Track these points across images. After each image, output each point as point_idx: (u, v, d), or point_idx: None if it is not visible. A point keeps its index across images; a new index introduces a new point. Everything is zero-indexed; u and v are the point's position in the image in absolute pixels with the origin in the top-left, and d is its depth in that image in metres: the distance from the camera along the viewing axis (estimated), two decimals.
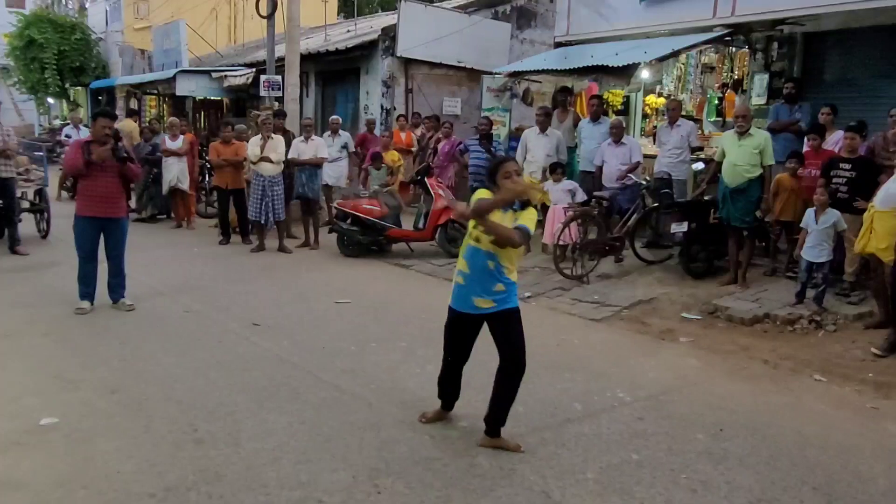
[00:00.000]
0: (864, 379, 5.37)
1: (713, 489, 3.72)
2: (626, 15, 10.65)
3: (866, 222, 6.21)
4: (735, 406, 4.85)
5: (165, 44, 21.40)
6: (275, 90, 13.02)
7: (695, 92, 12.27)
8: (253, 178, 9.80)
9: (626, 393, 5.01)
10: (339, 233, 9.61)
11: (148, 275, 8.11)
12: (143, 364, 5.40)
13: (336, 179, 11.18)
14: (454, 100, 14.37)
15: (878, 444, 4.32)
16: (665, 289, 7.68)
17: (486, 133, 9.89)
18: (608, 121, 9.40)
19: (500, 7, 14.51)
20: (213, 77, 17.88)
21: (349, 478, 3.74)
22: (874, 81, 8.96)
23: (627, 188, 8.66)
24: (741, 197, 7.37)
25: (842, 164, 6.95)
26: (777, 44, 9.83)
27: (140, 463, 3.85)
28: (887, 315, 6.17)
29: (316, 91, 16.48)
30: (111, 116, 7.00)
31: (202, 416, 4.46)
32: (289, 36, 12.77)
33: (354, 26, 17.53)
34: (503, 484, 3.71)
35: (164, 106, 21.27)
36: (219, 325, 6.43)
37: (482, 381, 5.15)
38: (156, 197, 12.21)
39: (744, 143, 7.31)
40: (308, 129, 10.30)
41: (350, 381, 5.13)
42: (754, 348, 6.06)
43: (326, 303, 7.28)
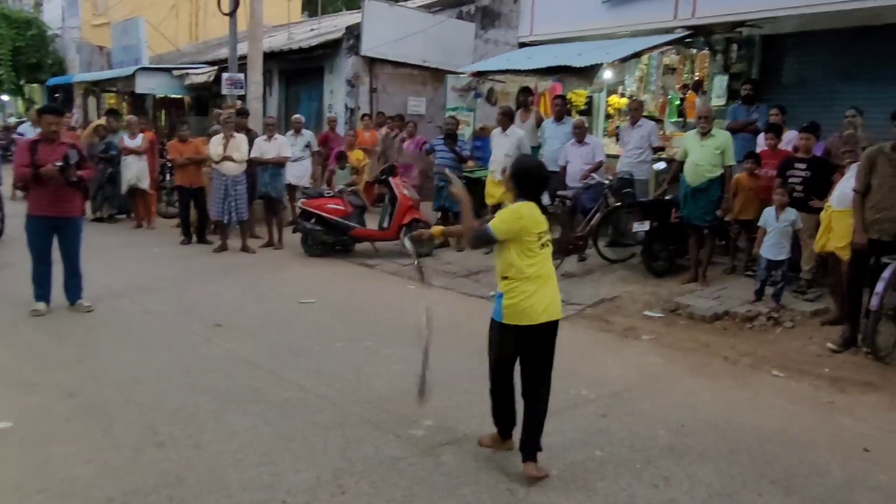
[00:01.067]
0: (821, 374, 5.49)
1: (675, 484, 3.77)
2: (588, 16, 10.74)
3: (824, 222, 6.36)
4: (696, 402, 4.92)
5: (125, 41, 21.01)
6: (237, 88, 12.87)
7: (656, 93, 12.41)
8: (215, 177, 9.67)
9: (590, 390, 5.06)
10: (304, 232, 9.53)
11: (107, 275, 7.95)
12: (102, 366, 5.29)
13: (299, 179, 11.10)
14: (419, 99, 14.36)
15: (833, 438, 4.42)
16: (628, 287, 7.76)
17: (450, 132, 9.90)
18: (571, 121, 9.47)
19: (465, 7, 14.54)
20: (173, 75, 17.62)
21: (313, 478, 3.71)
22: (830, 83, 9.17)
23: (590, 188, 8.73)
24: (702, 196, 7.48)
25: (797, 164, 7.10)
26: (736, 46, 10.01)
27: (99, 467, 3.77)
28: (842, 311, 6.32)
29: (279, 90, 16.33)
30: (57, 112, 6.86)
31: (163, 418, 4.38)
32: (251, 34, 12.64)
33: (318, 25, 17.44)
34: (468, 482, 3.72)
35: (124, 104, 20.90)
36: (180, 327, 6.33)
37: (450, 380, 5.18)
38: (112, 196, 11.96)
39: (706, 143, 7.42)
40: (271, 128, 10.21)
41: (314, 381, 5.09)
42: (715, 345, 6.15)
43: (290, 303, 7.22)
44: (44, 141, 6.49)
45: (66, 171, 6.36)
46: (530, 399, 3.82)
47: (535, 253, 3.75)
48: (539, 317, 3.70)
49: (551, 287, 3.80)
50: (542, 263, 3.78)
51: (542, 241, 3.79)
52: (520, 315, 3.71)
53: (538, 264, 3.75)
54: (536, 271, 3.74)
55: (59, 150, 6.43)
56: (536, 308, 3.70)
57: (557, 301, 3.82)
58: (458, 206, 9.72)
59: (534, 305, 3.69)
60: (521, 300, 3.70)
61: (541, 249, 3.78)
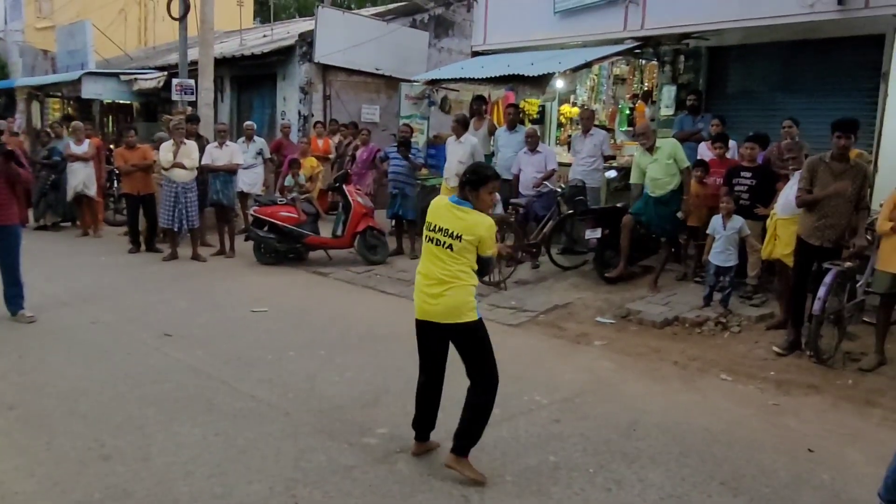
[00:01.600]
0: (767, 377, 5.63)
1: (627, 487, 3.82)
2: (541, 26, 10.88)
3: (770, 229, 6.53)
4: (647, 406, 4.99)
5: (70, 45, 20.47)
6: (188, 94, 12.67)
7: (607, 102, 12.63)
8: (165, 184, 9.49)
9: (543, 396, 5.09)
10: (256, 240, 9.41)
11: (52, 285, 7.73)
12: (45, 378, 5.13)
13: (251, 186, 10.96)
14: (372, 107, 14.34)
15: (779, 439, 4.53)
16: (580, 294, 7.85)
17: (404, 140, 9.90)
18: (524, 129, 9.56)
19: (418, 16, 14.59)
20: (121, 80, 17.23)
21: (266, 489, 3.66)
22: (771, 94, 9.46)
23: (543, 195, 8.82)
24: (664, 207, 7.59)
25: (743, 172, 7.29)
26: (684, 57, 10.26)
27: (42, 481, 3.66)
28: (787, 316, 6.50)
29: (231, 96, 16.12)
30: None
31: (109, 430, 4.27)
32: (202, 39, 12.46)
33: (271, 31, 17.26)
34: (422, 489, 3.71)
35: (69, 109, 20.36)
36: (128, 336, 6.18)
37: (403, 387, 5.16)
38: (56, 204, 11.64)
39: (656, 156, 7.55)
40: (222, 135, 10.07)
41: (267, 390, 5.02)
42: (665, 350, 6.26)
43: (242, 311, 7.11)
44: None
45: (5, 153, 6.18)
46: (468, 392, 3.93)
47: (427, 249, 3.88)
48: (417, 312, 3.89)
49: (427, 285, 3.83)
50: (423, 261, 3.91)
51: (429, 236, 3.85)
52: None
53: (425, 261, 3.90)
54: (420, 268, 3.92)
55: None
56: (416, 303, 3.90)
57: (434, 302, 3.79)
58: (412, 215, 9.75)
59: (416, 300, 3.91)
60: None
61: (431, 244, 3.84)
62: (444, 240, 3.76)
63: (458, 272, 3.76)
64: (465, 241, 3.72)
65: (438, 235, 3.79)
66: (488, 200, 3.84)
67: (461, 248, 3.74)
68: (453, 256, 3.76)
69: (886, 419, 4.91)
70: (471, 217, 3.76)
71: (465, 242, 3.73)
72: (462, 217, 3.76)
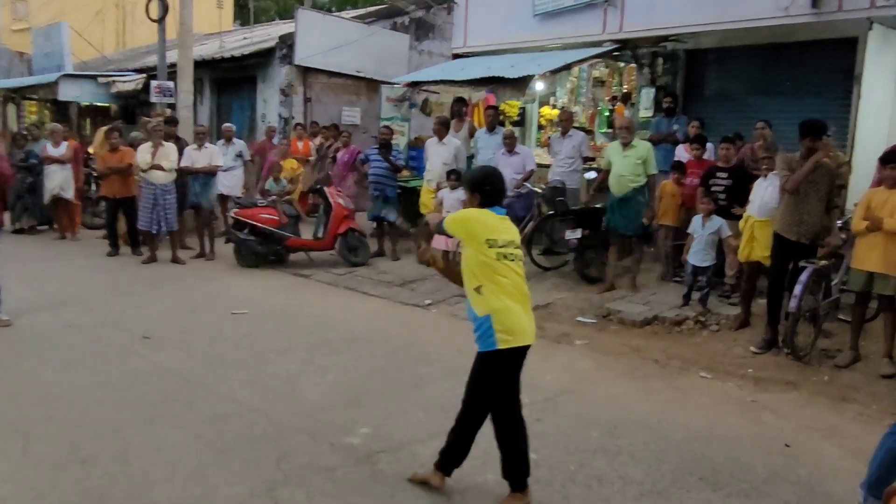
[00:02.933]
0: (745, 375, 5.69)
1: (607, 484, 3.85)
2: (520, 29, 10.94)
3: (746, 232, 6.59)
4: (628, 404, 5.03)
5: (47, 47, 20.25)
6: (167, 97, 12.58)
7: (586, 104, 12.73)
8: (143, 186, 9.41)
9: (525, 395, 5.01)
10: (236, 243, 9.36)
11: (28, 289, 7.63)
12: (20, 382, 5.06)
13: (231, 188, 10.89)
14: (353, 109, 14.32)
15: (757, 435, 4.58)
16: (561, 294, 7.89)
17: (385, 142, 9.90)
18: (503, 131, 9.60)
19: (399, 18, 14.59)
20: (99, 82, 17.10)
21: (246, 490, 3.64)
22: (747, 97, 9.58)
23: (522, 196, 8.85)
24: (627, 206, 7.66)
25: (719, 173, 7.37)
26: (662, 59, 10.35)
27: (18, 486, 3.61)
28: (746, 315, 6.63)
29: (211, 98, 16.02)
30: None
31: (86, 435, 4.22)
32: (181, 41, 12.39)
33: (251, 33, 17.20)
34: (404, 489, 3.71)
35: (46, 112, 20.14)
36: (106, 340, 6.12)
37: (384, 388, 5.16)
38: (32, 207, 11.51)
39: (628, 153, 7.62)
40: (201, 137, 10.00)
41: (247, 392, 5.00)
42: (645, 349, 6.31)
43: (223, 314, 7.07)
44: None
45: None
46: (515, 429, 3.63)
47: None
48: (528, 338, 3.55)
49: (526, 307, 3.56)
50: (510, 281, 3.48)
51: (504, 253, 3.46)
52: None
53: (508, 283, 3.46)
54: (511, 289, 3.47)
55: None
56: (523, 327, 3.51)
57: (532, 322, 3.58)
58: (393, 217, 9.74)
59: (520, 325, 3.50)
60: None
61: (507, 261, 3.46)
62: (517, 253, 3.51)
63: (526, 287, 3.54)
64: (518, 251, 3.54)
65: (511, 250, 3.48)
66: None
67: (518, 257, 3.54)
68: (519, 267, 3.54)
69: (861, 414, 4.98)
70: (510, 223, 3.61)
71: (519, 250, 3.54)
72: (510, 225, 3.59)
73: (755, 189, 6.64)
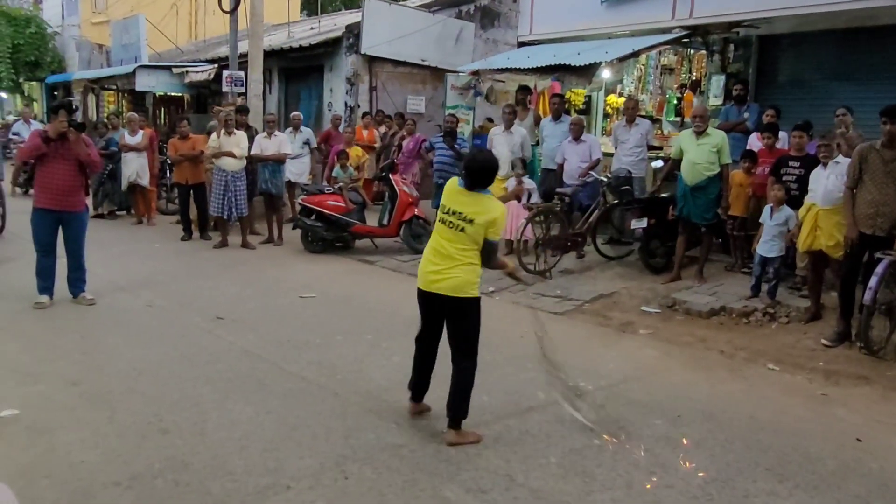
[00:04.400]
0: (815, 368, 5.57)
1: (671, 471, 3.85)
2: (587, 15, 10.83)
3: (809, 221, 6.41)
4: (692, 394, 4.99)
5: (124, 39, 21.05)
6: (238, 86, 12.92)
7: (654, 92, 12.52)
8: (215, 173, 9.73)
9: (588, 382, 5.12)
10: (303, 229, 9.59)
11: (109, 270, 8.01)
12: (105, 357, 5.35)
13: (298, 176, 11.14)
14: (418, 98, 14.43)
15: (827, 428, 4.49)
16: (625, 283, 7.84)
17: (450, 130, 9.96)
18: (569, 119, 9.54)
19: (464, 6, 14.60)
20: (173, 73, 17.67)
21: (316, 465, 3.78)
22: (824, 83, 9.27)
23: (588, 185, 8.81)
24: (701, 194, 7.52)
25: (791, 162, 7.17)
26: (733, 46, 10.11)
27: (105, 452, 3.83)
28: (817, 308, 6.46)
29: (279, 88, 16.38)
30: (67, 109, 6.90)
31: (166, 407, 4.45)
32: (252, 32, 12.69)
33: (318, 24, 17.48)
34: (468, 468, 3.78)
35: (123, 101, 20.94)
36: (182, 320, 6.39)
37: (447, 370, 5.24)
38: (112, 193, 12.03)
39: (702, 142, 7.48)
40: (271, 125, 10.27)
41: (315, 372, 5.16)
42: (711, 340, 6.23)
43: (291, 297, 7.28)
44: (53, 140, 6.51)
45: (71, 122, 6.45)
46: (453, 366, 4.16)
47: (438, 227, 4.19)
48: (420, 283, 4.19)
49: (435, 261, 4.13)
50: (435, 239, 4.20)
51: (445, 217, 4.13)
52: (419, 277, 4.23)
53: (433, 239, 4.22)
54: (431, 244, 4.22)
55: (65, 145, 6.49)
56: (421, 275, 4.20)
57: (442, 277, 4.08)
58: None
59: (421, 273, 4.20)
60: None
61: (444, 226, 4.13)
62: (458, 223, 4.06)
63: (468, 253, 4.07)
64: (476, 225, 4.02)
65: (453, 218, 4.09)
66: (499, 191, 4.11)
67: (471, 232, 4.04)
68: (462, 239, 4.05)
69: None
70: (484, 202, 4.08)
71: (477, 226, 4.02)
72: (476, 202, 4.07)
73: (816, 177, 6.44)
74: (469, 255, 4.07)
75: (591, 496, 3.57)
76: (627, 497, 3.58)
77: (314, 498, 3.47)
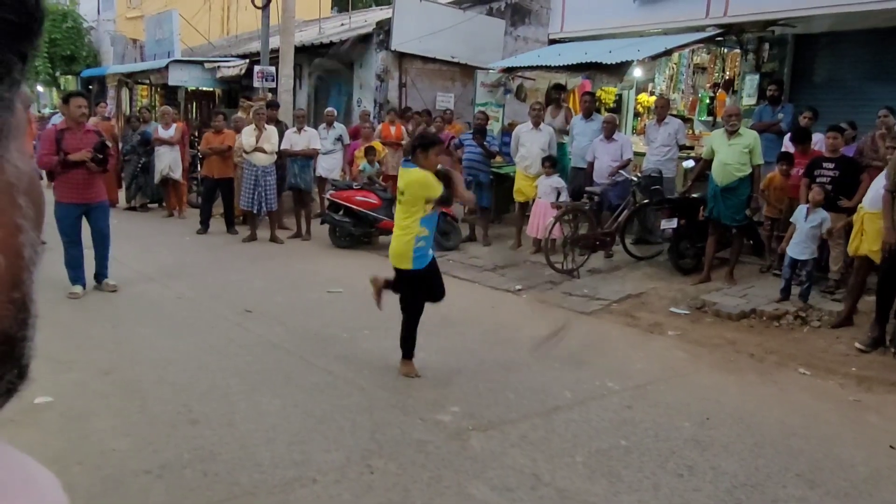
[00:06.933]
0: (847, 373, 5.47)
1: (699, 474, 3.81)
2: (620, 13, 10.73)
3: (857, 224, 6.30)
4: (721, 396, 4.93)
5: (158, 34, 21.28)
6: (268, 81, 13.02)
7: (686, 91, 12.37)
8: (245, 167, 9.82)
9: (615, 382, 5.09)
10: (332, 224, 9.64)
11: (140, 262, 8.12)
12: (136, 347, 5.43)
13: (329, 171, 11.20)
14: (447, 94, 14.40)
15: (859, 434, 4.42)
16: (654, 284, 7.77)
17: (480, 128, 9.94)
18: (600, 117, 9.48)
19: (495, 3, 14.54)
20: (205, 68, 17.84)
21: (342, 458, 3.80)
22: (862, 84, 9.10)
23: (618, 184, 8.74)
24: (731, 195, 7.43)
25: (825, 163, 7.05)
26: (768, 45, 9.96)
27: (135, 441, 3.89)
28: (850, 312, 6.34)
29: (309, 83, 16.47)
30: (84, 96, 7.05)
31: (196, 397, 4.50)
32: (283, 27, 12.78)
33: (349, 20, 17.54)
34: (494, 466, 3.78)
35: (156, 96, 21.19)
36: (211, 312, 6.46)
37: (475, 368, 5.25)
38: (145, 186, 12.20)
39: (734, 142, 7.39)
40: (301, 120, 10.34)
41: (342, 366, 5.19)
42: (741, 342, 6.15)
43: (318, 292, 7.33)
44: (69, 129, 6.69)
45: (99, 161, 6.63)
46: None
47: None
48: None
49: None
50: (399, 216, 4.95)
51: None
52: None
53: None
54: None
55: (86, 138, 6.67)
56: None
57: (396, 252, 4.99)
58: (487, 201, 9.85)
59: None
60: None
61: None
62: (399, 197, 4.93)
63: (408, 223, 4.84)
64: (408, 195, 4.79)
65: (398, 194, 4.96)
66: (434, 161, 4.83)
67: (406, 202, 4.82)
68: (403, 209, 4.87)
69: None
70: (410, 174, 4.80)
71: (409, 195, 4.78)
72: (404, 175, 4.86)
73: (877, 179, 6.30)
74: (408, 221, 4.83)
75: (617, 497, 3.55)
76: (654, 499, 3.55)
77: (340, 492, 3.49)
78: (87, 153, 6.55)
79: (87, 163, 6.57)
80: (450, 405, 4.53)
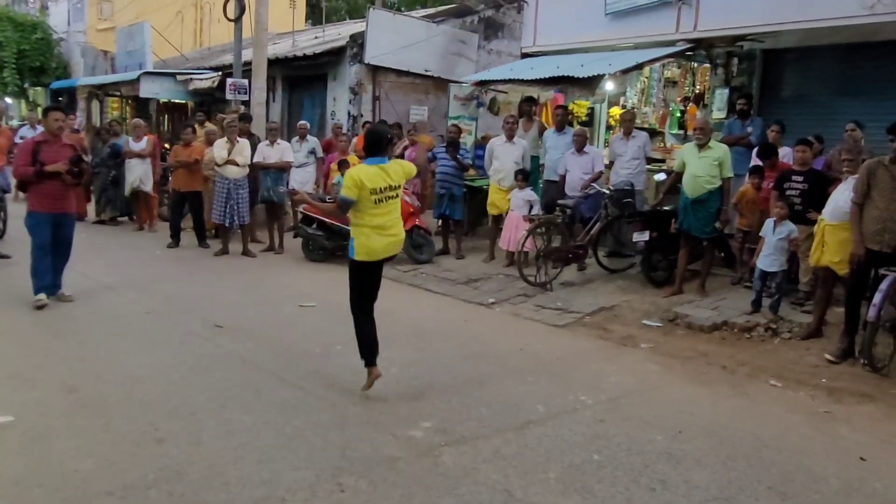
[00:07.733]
0: (818, 384, 5.51)
1: (672, 488, 3.79)
2: (591, 28, 10.82)
3: (817, 236, 6.38)
4: (693, 409, 4.94)
5: (129, 45, 21.09)
6: (241, 94, 12.93)
7: (657, 105, 12.51)
8: (217, 180, 9.71)
9: (588, 396, 5.08)
10: (305, 237, 9.57)
11: (108, 276, 7.98)
12: (103, 364, 5.31)
13: (303, 184, 11.09)
14: (421, 108, 14.42)
15: (830, 446, 4.44)
16: (627, 296, 7.79)
17: (453, 141, 9.95)
18: (572, 130, 9.52)
19: (468, 17, 14.63)
20: (177, 80, 17.70)
21: (312, 476, 3.73)
22: (830, 98, 9.24)
23: (590, 197, 8.77)
24: (701, 208, 7.49)
25: (794, 176, 7.14)
26: (737, 60, 10.09)
27: (99, 461, 3.79)
28: (819, 324, 6.40)
29: (283, 96, 16.40)
30: (62, 110, 7.12)
31: (163, 415, 4.41)
32: (256, 40, 12.72)
33: (322, 33, 17.53)
34: (466, 482, 3.73)
35: (127, 108, 20.98)
36: (181, 327, 6.35)
37: (447, 383, 5.20)
38: (115, 199, 12.01)
39: (704, 155, 7.46)
40: (273, 133, 10.26)
41: (314, 382, 5.12)
42: (713, 354, 6.18)
43: (291, 306, 7.24)
44: (46, 141, 6.78)
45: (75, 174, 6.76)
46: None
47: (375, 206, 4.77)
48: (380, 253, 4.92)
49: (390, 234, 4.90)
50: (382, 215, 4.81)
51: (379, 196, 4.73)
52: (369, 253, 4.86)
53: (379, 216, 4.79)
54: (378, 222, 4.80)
55: (63, 151, 6.85)
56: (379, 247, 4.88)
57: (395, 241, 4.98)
58: (460, 214, 9.84)
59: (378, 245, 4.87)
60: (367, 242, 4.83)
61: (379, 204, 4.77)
62: (393, 193, 4.80)
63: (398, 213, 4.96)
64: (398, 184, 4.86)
65: (389, 193, 4.78)
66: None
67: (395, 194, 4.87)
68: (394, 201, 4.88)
69: None
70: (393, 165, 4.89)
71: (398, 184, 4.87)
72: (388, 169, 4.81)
73: (835, 192, 6.40)
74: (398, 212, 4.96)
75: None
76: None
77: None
78: (64, 165, 6.66)
79: (63, 175, 6.66)
80: (422, 420, 4.48)
